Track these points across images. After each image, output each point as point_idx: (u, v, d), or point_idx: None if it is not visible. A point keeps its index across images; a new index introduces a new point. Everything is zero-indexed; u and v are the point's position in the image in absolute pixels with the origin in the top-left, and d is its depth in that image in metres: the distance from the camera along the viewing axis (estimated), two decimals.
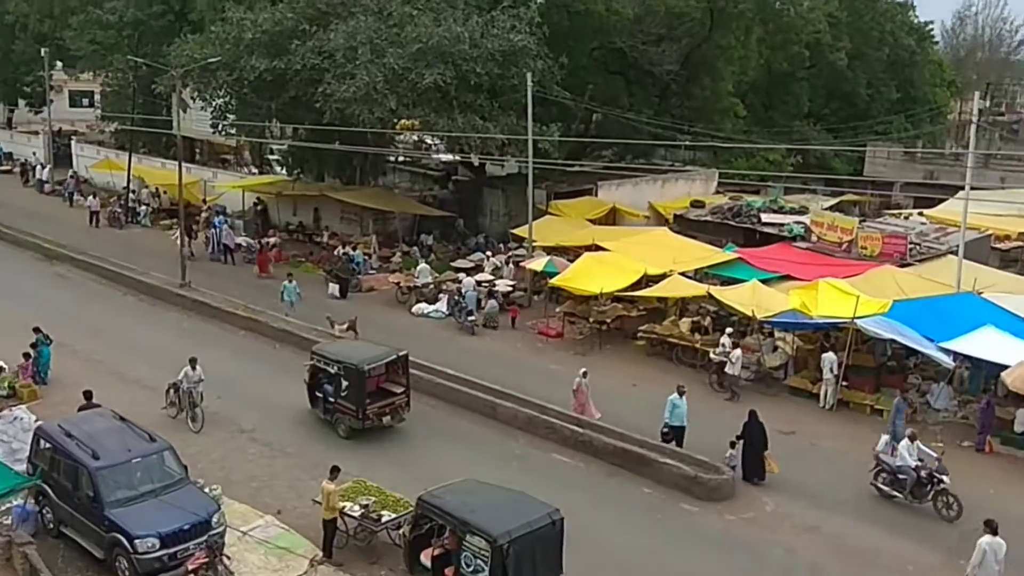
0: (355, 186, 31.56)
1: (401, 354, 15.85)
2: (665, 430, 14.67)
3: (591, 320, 20.66)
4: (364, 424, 15.25)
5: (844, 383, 17.16)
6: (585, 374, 15.91)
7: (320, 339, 19.67)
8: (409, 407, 15.90)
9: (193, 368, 15.51)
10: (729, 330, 18.93)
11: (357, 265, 25.64)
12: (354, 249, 26.91)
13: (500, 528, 9.25)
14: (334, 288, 23.85)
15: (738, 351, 17.81)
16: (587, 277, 20.79)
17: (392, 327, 21.72)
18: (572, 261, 22.51)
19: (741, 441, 14.34)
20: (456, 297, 22.56)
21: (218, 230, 28.44)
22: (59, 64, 43.49)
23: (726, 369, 17.85)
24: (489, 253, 26.85)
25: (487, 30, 24.61)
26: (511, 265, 25.22)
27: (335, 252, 26.74)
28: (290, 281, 21.33)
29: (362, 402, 15.12)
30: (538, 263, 23.12)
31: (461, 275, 24.74)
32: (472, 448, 15.19)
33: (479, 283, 23.68)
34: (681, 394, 14.90)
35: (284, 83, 26.18)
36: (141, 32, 33.73)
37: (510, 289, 23.72)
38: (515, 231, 27.04)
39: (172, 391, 15.60)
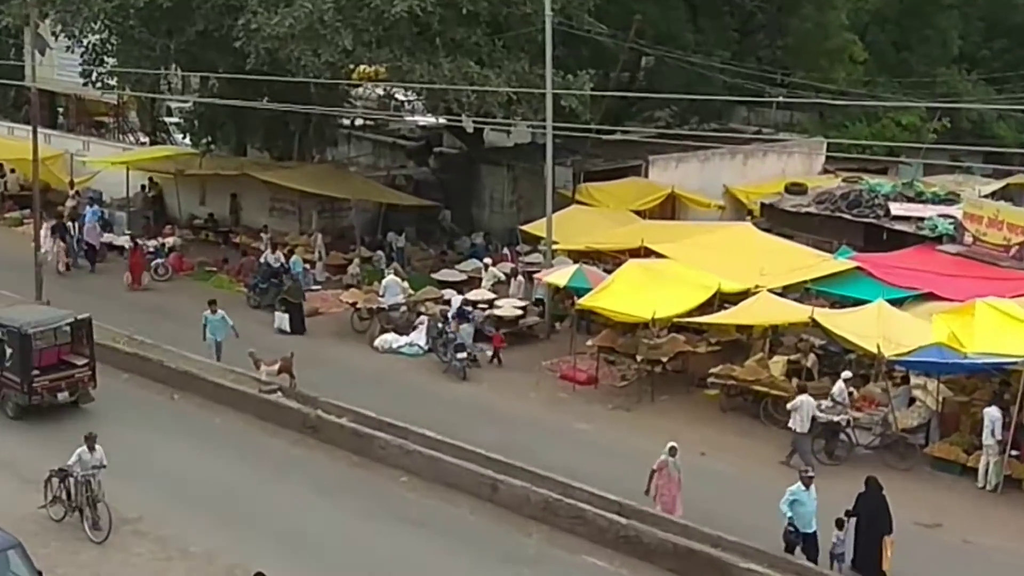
0: (291, 162, 32.04)
1: (82, 318, 18.38)
2: (791, 529, 14.57)
3: (639, 359, 20.89)
4: (31, 400, 17.65)
5: (1014, 452, 17.12)
6: (673, 450, 15.74)
7: (238, 384, 20.03)
8: (95, 383, 18.75)
9: (91, 450, 15.44)
10: (846, 374, 19.00)
11: (294, 277, 26.09)
12: (290, 254, 27.31)
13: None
14: (282, 319, 24.24)
15: (802, 398, 17.90)
16: (633, 296, 21.02)
17: (346, 369, 22.12)
18: (610, 272, 22.91)
19: (852, 519, 14.48)
20: (440, 325, 22.84)
21: (87, 225, 28.94)
22: None
23: (791, 424, 17.98)
24: (488, 260, 27.17)
25: None
26: (521, 278, 25.55)
27: (261, 259, 27.21)
28: (213, 311, 21.64)
29: (28, 373, 17.47)
30: (561, 275, 23.41)
31: (448, 292, 25.12)
32: (460, 544, 15.35)
33: (473, 305, 24.02)
34: (807, 484, 14.74)
35: (188, 11, 26.30)
36: None
37: (519, 313, 24.05)
38: (527, 227, 27.37)
39: (57, 482, 15.45)
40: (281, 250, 27.64)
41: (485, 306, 24.12)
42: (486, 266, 26.55)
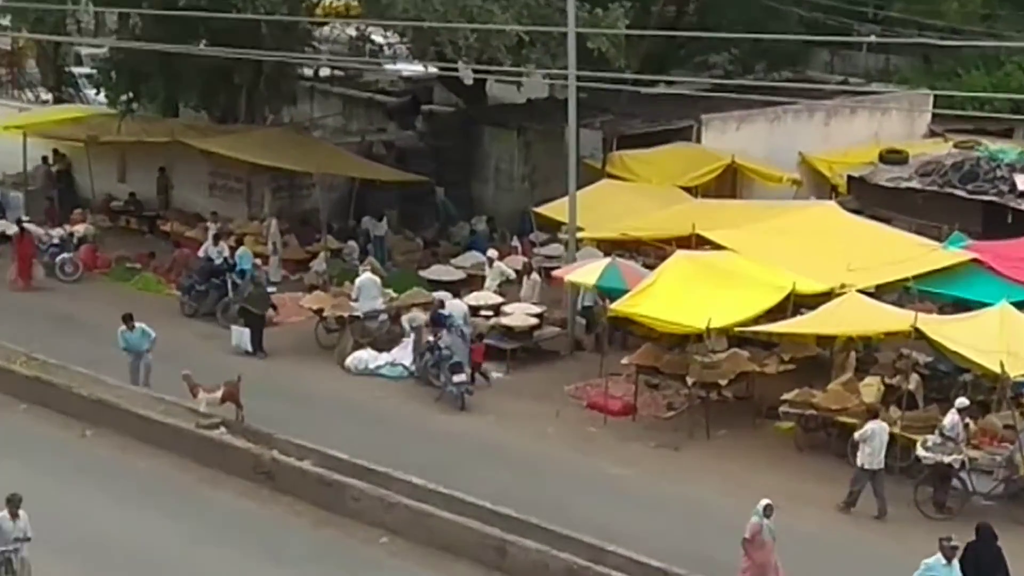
0: (237, 126, 32.21)
1: None
2: None
3: (690, 382, 20.94)
4: None
5: None
6: (769, 510, 15.58)
7: (169, 418, 20.09)
8: None
9: (14, 516, 15.40)
10: (961, 402, 18.97)
11: (256, 280, 26.23)
12: (237, 245, 27.62)
13: None
14: (242, 336, 24.37)
15: (873, 426, 18.10)
16: (682, 299, 21.08)
17: (309, 396, 22.33)
18: (653, 267, 23.05)
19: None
20: (431, 338, 22.98)
21: None
22: None
23: (859, 461, 18.08)
24: (493, 253, 27.30)
25: None
26: (535, 276, 25.73)
27: (200, 253, 27.50)
28: (130, 328, 21.80)
29: None
30: (588, 272, 23.50)
31: (441, 295, 25.27)
32: None
33: (475, 311, 24.26)
34: (949, 556, 14.77)
35: None
36: None
37: (534, 322, 24.23)
38: (543, 209, 27.54)
39: None
40: (225, 241, 27.81)
41: (489, 313, 24.29)
42: (490, 261, 26.65)
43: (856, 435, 18.27)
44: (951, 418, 18.54)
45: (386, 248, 29.35)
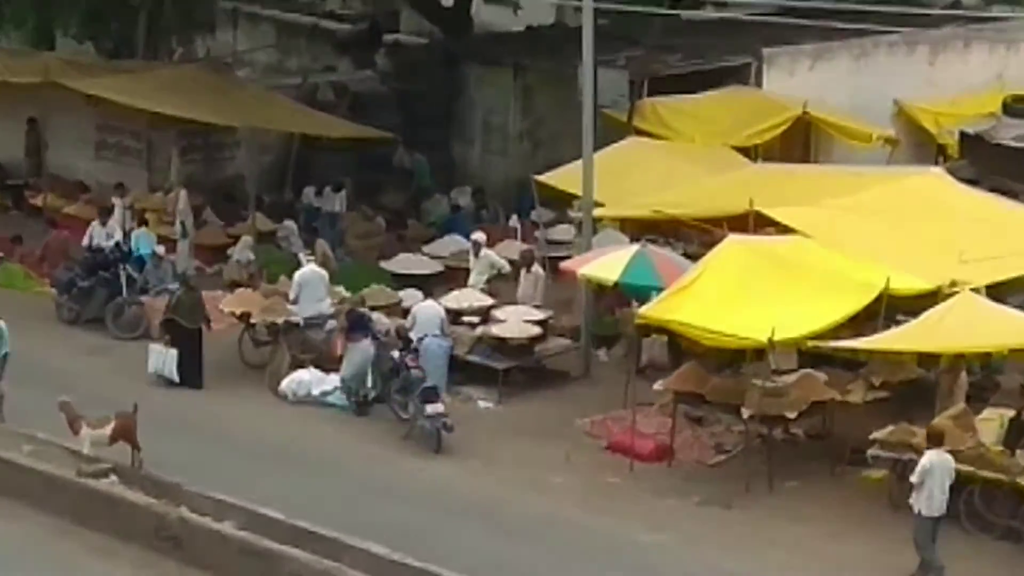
0: (133, 62, 32.38)
1: None
2: None
3: (746, 414, 20.94)
4: None
5: None
6: None
7: (40, 463, 19.97)
8: None
9: None
10: None
11: (139, 264, 26.61)
12: (138, 225, 27.96)
13: None
14: (163, 358, 24.13)
15: (932, 457, 18.30)
16: (735, 302, 21.10)
17: (232, 433, 22.37)
18: (696, 258, 23.16)
19: None
20: (397, 354, 23.16)
21: None
22: None
23: (912, 501, 18.25)
24: (481, 236, 27.34)
25: None
26: (538, 269, 25.95)
27: (87, 237, 27.75)
28: None
29: None
30: (608, 263, 23.56)
31: (409, 295, 25.47)
32: None
33: (456, 317, 24.50)
34: None
35: None
36: None
37: (536, 332, 24.31)
38: (549, 178, 27.72)
39: None
40: (118, 219, 27.91)
41: (475, 320, 24.45)
42: (476, 247, 26.72)
43: (913, 477, 18.32)
44: None
45: (336, 230, 29.47)
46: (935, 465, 18.12)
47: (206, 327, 24.54)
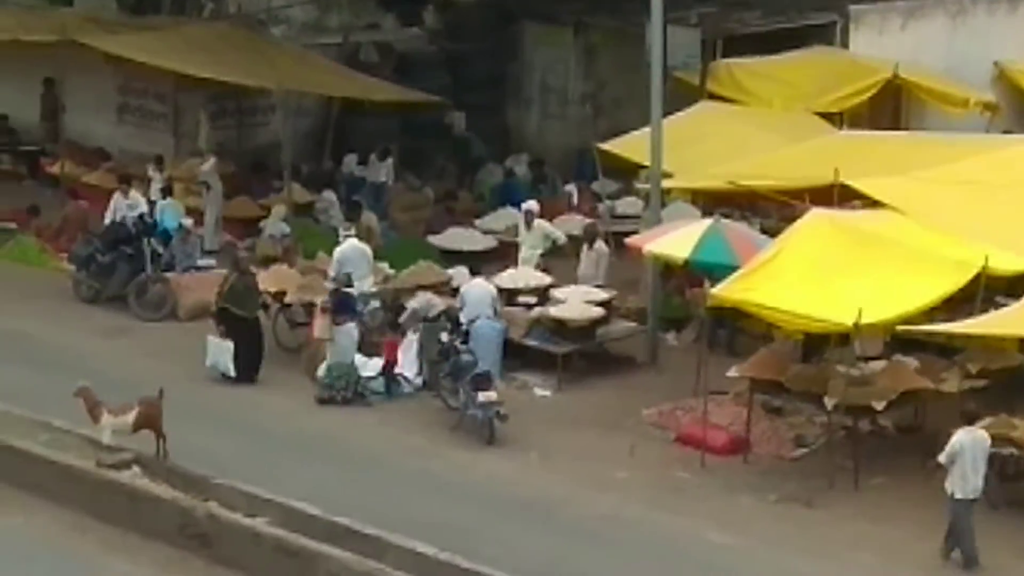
0: (158, 18, 32.88)
1: None
2: None
3: (829, 404, 20.84)
4: None
5: None
6: None
7: (58, 453, 20.07)
8: None
9: None
10: None
11: (164, 238, 26.78)
12: (163, 196, 28.19)
13: None
14: (219, 351, 24.04)
15: (962, 437, 18.47)
16: (818, 282, 20.96)
17: (266, 424, 22.48)
18: (775, 233, 23.19)
19: None
20: (446, 337, 23.28)
21: None
22: None
23: (947, 485, 18.30)
24: (534, 205, 27.37)
25: None
26: (600, 245, 26.11)
27: (109, 209, 27.86)
28: None
29: None
30: (678, 239, 23.52)
31: (459, 272, 25.64)
32: None
33: (510, 297, 24.65)
34: None
35: None
36: None
37: (599, 313, 24.42)
38: (612, 146, 27.81)
39: None
40: (143, 188, 27.95)
41: (531, 300, 24.62)
42: (528, 217, 26.83)
43: (942, 457, 18.38)
44: None
45: (383, 203, 29.52)
46: (966, 445, 18.24)
47: (264, 315, 24.63)
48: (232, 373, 23.73)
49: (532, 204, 27.08)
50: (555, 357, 23.68)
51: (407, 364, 23.78)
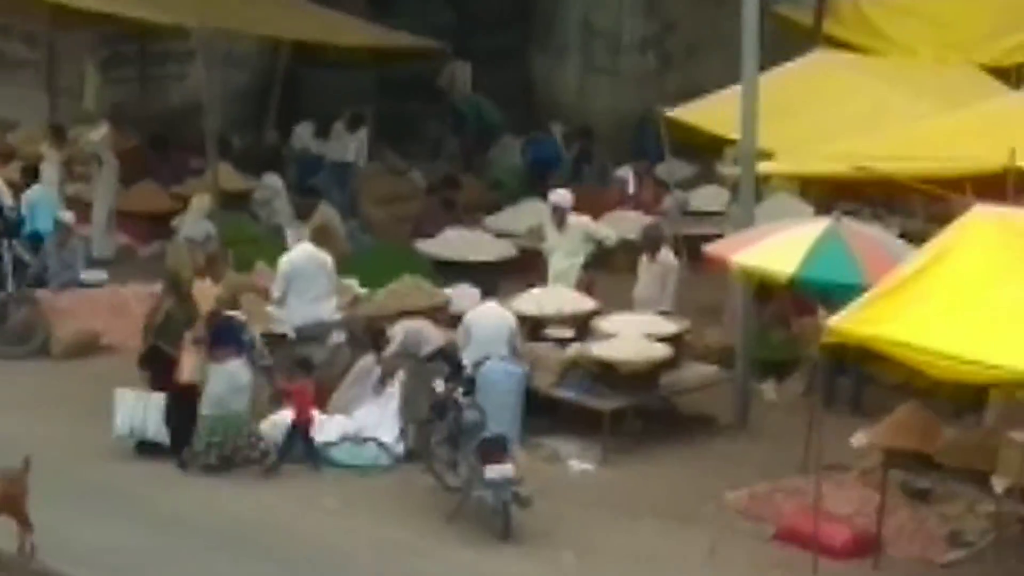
0: None
1: None
2: None
3: (999, 487, 20.60)
4: None
5: None
6: None
7: None
8: None
9: None
10: None
11: (33, 241, 27.26)
12: (26, 180, 28.57)
13: None
14: (139, 410, 23.97)
15: None
16: (986, 311, 20.57)
17: (183, 507, 22.49)
18: (922, 240, 22.78)
19: None
20: (444, 387, 23.33)
21: None
22: None
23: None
24: (565, 197, 27.52)
25: None
26: (667, 254, 26.26)
27: None
28: None
29: None
30: (780, 246, 23.33)
31: (460, 292, 25.93)
32: None
33: (535, 328, 24.84)
34: None
35: None
36: None
37: (663, 353, 24.45)
38: (686, 113, 28.09)
39: None
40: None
41: (566, 333, 24.82)
42: (557, 214, 26.98)
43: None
44: None
45: (350, 191, 29.65)
46: None
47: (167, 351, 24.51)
48: (164, 439, 23.78)
49: (562, 195, 27.20)
50: (600, 416, 23.71)
51: (384, 424, 23.91)
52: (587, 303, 25.23)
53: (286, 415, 23.63)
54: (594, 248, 26.53)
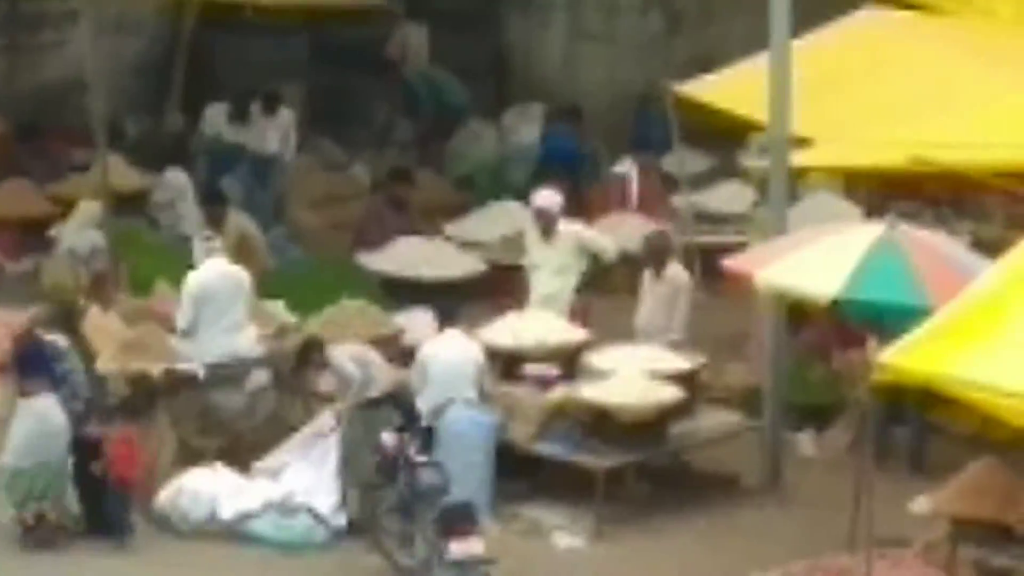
0: None
1: None
2: None
3: None
4: None
5: None
6: None
7: None
8: None
9: None
10: None
11: None
12: None
13: None
14: None
15: None
16: None
17: None
18: (996, 251, 22.72)
19: None
20: (392, 445, 23.21)
21: None
22: None
23: None
24: (548, 198, 27.61)
25: None
26: (677, 270, 26.35)
27: None
28: None
29: None
30: (817, 263, 23.31)
31: (415, 318, 26.10)
32: None
33: (512, 363, 24.88)
34: None
35: None
36: None
37: (675, 396, 24.37)
38: (697, 89, 28.18)
39: None
40: None
41: (549, 372, 24.76)
42: (542, 219, 27.01)
43: None
44: None
45: (276, 191, 29.90)
46: None
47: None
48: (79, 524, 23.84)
49: (549, 196, 27.22)
50: (593, 477, 23.67)
51: (319, 488, 23.83)
52: (576, 333, 25.24)
53: (203, 478, 23.75)
54: (589, 264, 26.51)
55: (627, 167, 29.56)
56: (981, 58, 27.24)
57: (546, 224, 26.60)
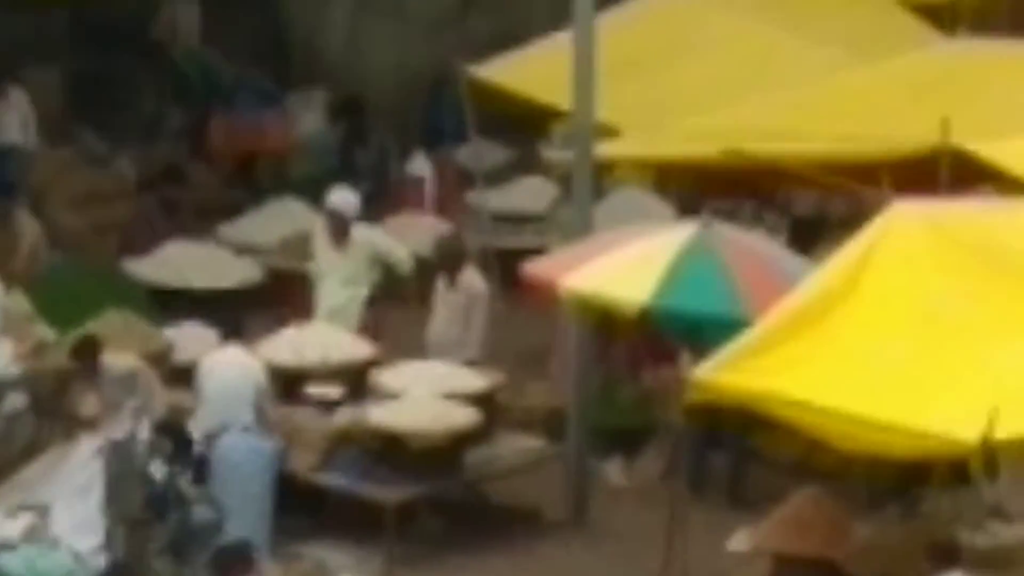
0: None
1: None
2: None
3: None
4: None
5: None
6: None
7: None
8: None
9: None
10: None
11: None
12: None
13: None
14: None
15: None
16: (910, 353, 20.44)
17: None
18: (823, 253, 23.10)
19: None
20: (161, 478, 23.01)
21: None
22: None
23: None
24: (343, 198, 27.68)
25: None
26: (472, 278, 26.41)
27: None
28: None
29: None
30: (624, 268, 23.34)
31: (186, 333, 26.06)
32: None
33: (294, 382, 24.76)
34: None
35: None
36: None
37: (470, 420, 24.28)
38: (494, 72, 28.28)
39: None
40: None
41: (333, 392, 24.71)
42: (335, 222, 27.13)
43: None
44: None
45: (19, 188, 29.95)
46: None
47: None
48: None
49: (345, 197, 27.30)
50: (382, 511, 23.64)
51: (81, 524, 23.57)
52: (364, 349, 25.18)
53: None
54: (381, 274, 26.57)
55: (421, 164, 29.50)
56: (803, 34, 27.36)
57: (338, 228, 26.61)
